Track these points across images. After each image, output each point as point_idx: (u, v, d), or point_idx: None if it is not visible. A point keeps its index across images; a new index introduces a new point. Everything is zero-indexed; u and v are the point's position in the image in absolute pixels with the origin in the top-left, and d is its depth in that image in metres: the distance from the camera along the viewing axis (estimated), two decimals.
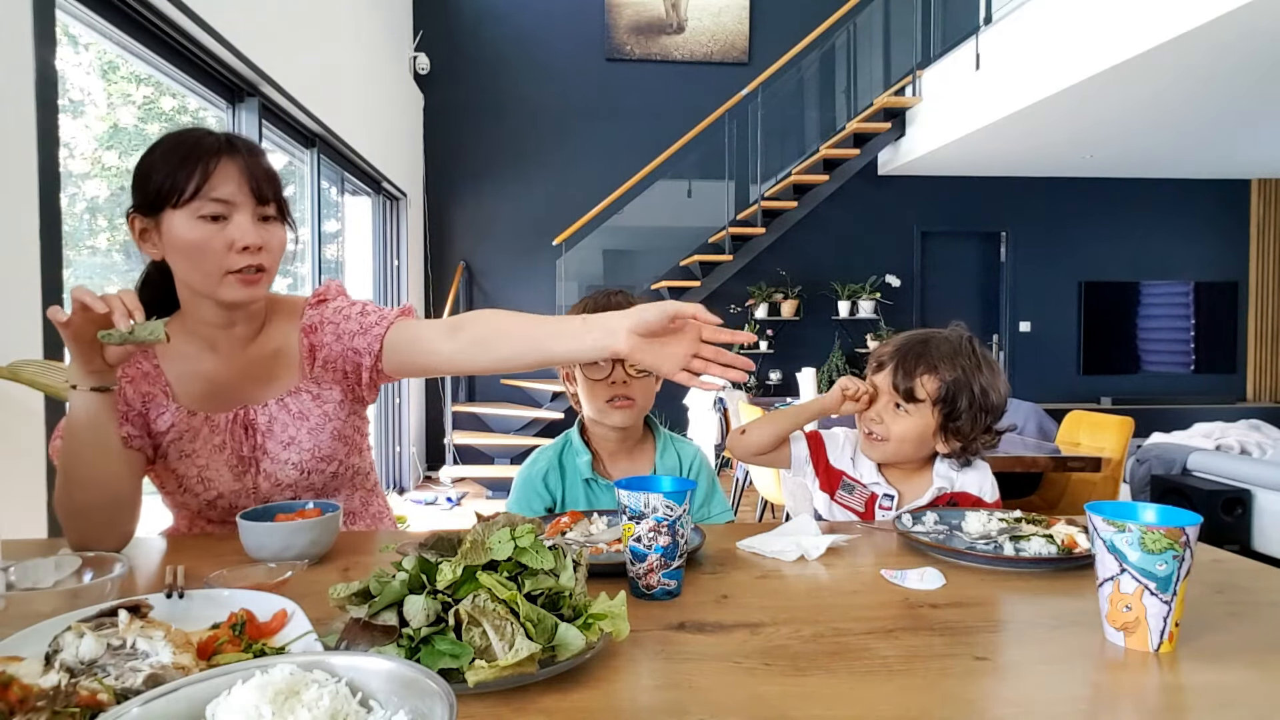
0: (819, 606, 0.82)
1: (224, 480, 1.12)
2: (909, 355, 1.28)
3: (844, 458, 1.35)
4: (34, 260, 1.88)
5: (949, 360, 1.26)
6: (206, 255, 1.02)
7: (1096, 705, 0.63)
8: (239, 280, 1.03)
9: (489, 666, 0.59)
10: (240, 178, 1.02)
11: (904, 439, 1.27)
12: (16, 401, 1.77)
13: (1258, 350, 7.45)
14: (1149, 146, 6.03)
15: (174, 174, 1.01)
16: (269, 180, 1.05)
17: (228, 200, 1.02)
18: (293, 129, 4.00)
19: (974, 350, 1.28)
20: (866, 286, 7.00)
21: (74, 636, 0.60)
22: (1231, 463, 3.52)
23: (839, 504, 1.33)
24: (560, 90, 6.91)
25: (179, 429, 1.10)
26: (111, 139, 3.34)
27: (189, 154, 1.02)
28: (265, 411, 1.13)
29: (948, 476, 1.30)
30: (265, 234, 1.05)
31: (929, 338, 1.30)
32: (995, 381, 1.27)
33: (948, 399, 1.25)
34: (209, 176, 1.01)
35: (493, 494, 5.86)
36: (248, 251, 1.02)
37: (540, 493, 1.28)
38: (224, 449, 1.11)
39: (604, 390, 1.25)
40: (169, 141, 1.04)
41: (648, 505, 0.83)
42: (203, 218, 1.01)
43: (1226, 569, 0.96)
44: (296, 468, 1.14)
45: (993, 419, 1.28)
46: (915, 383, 1.25)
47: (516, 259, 6.92)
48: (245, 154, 1.04)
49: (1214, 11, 3.45)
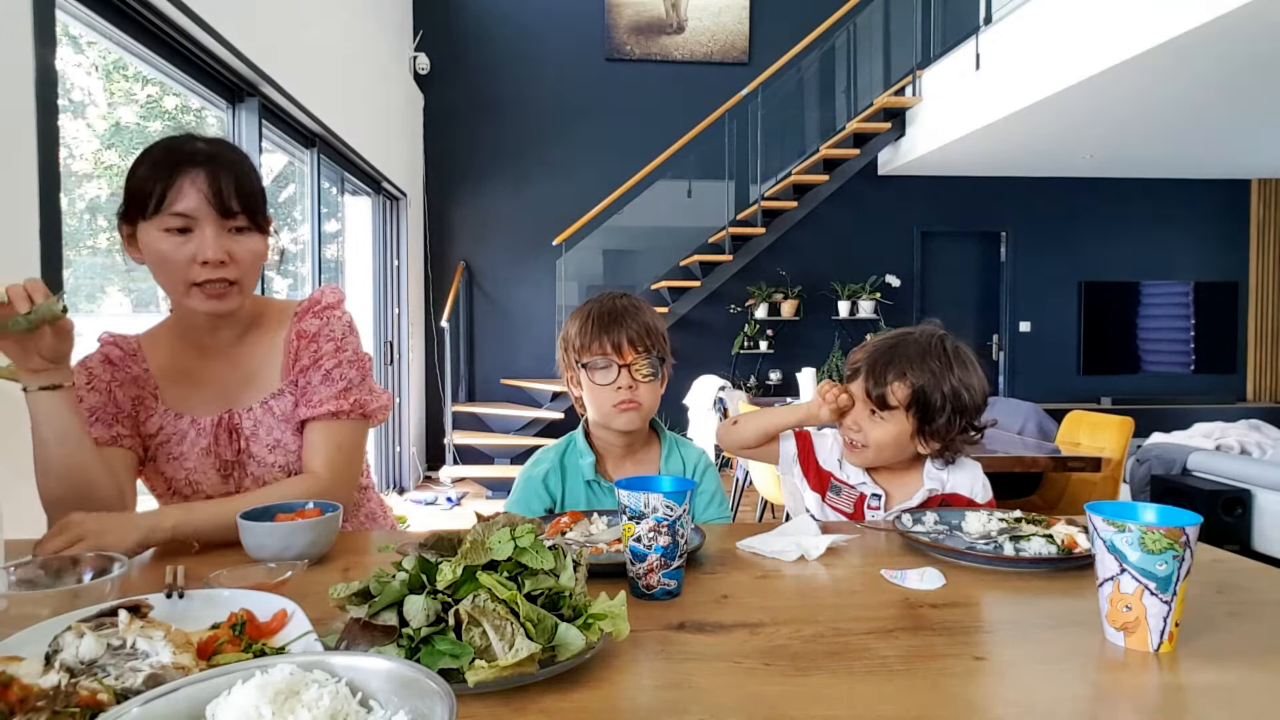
0: (819, 606, 0.82)
1: (211, 482, 1.13)
2: (878, 362, 1.26)
3: (831, 459, 1.35)
4: (34, 260, 1.88)
5: (918, 364, 1.24)
6: (172, 267, 1.03)
7: (1096, 705, 0.63)
8: (203, 293, 1.04)
9: (489, 666, 0.59)
10: (203, 191, 1.02)
11: (882, 445, 1.27)
12: (17, 401, 1.77)
13: (1258, 350, 7.45)
14: (1149, 146, 6.02)
15: (143, 186, 1.02)
16: (239, 192, 1.04)
17: (188, 214, 1.02)
18: (293, 129, 4.00)
19: (944, 349, 1.26)
20: (866, 286, 7.00)
21: (74, 636, 0.60)
22: (1231, 463, 3.51)
23: (829, 505, 1.33)
24: (560, 90, 6.91)
25: (166, 432, 1.11)
26: (113, 137, 3.34)
27: (157, 166, 1.02)
28: (250, 415, 1.13)
29: (938, 477, 1.30)
30: (233, 246, 1.04)
31: (898, 341, 1.28)
32: (970, 379, 1.25)
33: (920, 403, 1.23)
34: (169, 190, 1.01)
35: (493, 494, 5.86)
36: (208, 266, 1.02)
37: (540, 494, 1.28)
38: (210, 452, 1.12)
39: (610, 395, 1.24)
40: (149, 151, 1.05)
41: (648, 505, 0.83)
42: (168, 230, 1.02)
43: (1226, 569, 0.96)
44: (283, 470, 1.14)
45: (969, 418, 1.26)
46: (886, 390, 1.24)
47: (516, 259, 6.92)
48: (213, 166, 1.03)
49: (1214, 11, 3.45)
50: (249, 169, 1.08)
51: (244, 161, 1.08)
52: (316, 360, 1.14)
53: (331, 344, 1.15)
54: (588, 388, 1.26)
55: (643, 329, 1.24)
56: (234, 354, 1.15)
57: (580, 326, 1.26)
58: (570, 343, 1.27)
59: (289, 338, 1.16)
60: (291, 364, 1.15)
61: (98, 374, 1.12)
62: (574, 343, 1.26)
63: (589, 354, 1.24)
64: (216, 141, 1.08)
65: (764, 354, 6.97)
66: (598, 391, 1.25)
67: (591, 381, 1.25)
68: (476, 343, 6.97)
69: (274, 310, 1.20)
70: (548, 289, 6.78)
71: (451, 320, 6.27)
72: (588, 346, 1.24)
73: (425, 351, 6.70)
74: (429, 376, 6.70)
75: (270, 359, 1.16)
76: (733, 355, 6.97)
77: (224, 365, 1.15)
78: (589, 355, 1.24)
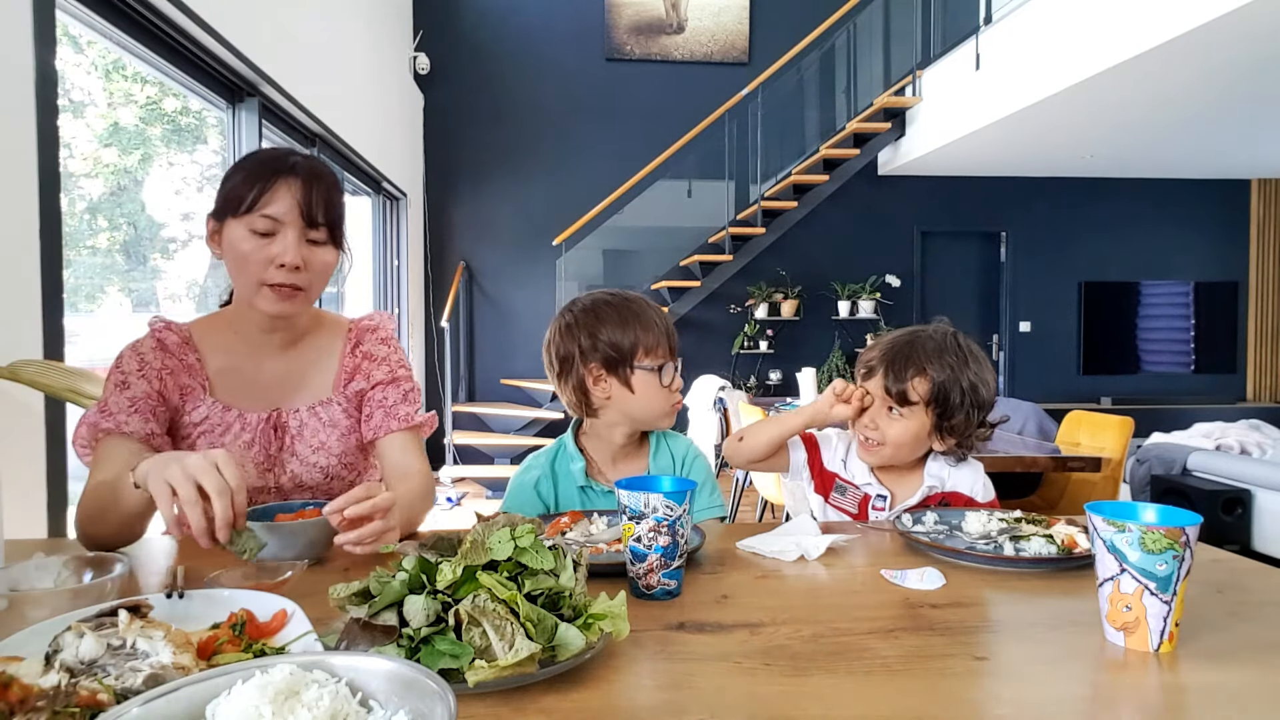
0: (819, 606, 0.82)
1: (248, 476, 1.16)
2: (897, 358, 1.27)
3: (836, 460, 1.35)
4: (34, 260, 1.88)
5: (937, 359, 1.25)
6: (250, 266, 1.08)
7: (1096, 705, 0.63)
8: (273, 294, 1.09)
9: (489, 666, 0.59)
10: (295, 198, 1.09)
11: (901, 442, 1.27)
12: (16, 401, 1.77)
13: (1258, 350, 7.45)
14: (1149, 146, 6.02)
15: (240, 187, 1.08)
16: (326, 207, 1.11)
17: (277, 218, 1.08)
18: (293, 129, 4.00)
19: (959, 345, 1.28)
20: (866, 286, 7.00)
21: (74, 636, 0.60)
22: (1231, 463, 3.51)
23: (832, 506, 1.33)
24: (560, 90, 6.91)
25: (211, 422, 1.15)
26: (111, 136, 3.34)
27: (255, 171, 1.09)
28: (296, 416, 1.19)
29: (939, 476, 1.30)
30: (309, 254, 1.11)
31: (914, 338, 1.29)
32: (984, 374, 1.27)
33: (940, 398, 1.24)
34: (265, 193, 1.07)
35: (492, 494, 5.86)
36: (284, 269, 1.08)
37: (533, 501, 1.26)
38: (252, 446, 1.16)
39: (668, 396, 1.22)
40: (251, 156, 1.13)
41: (648, 505, 0.83)
42: (254, 231, 1.08)
43: (1226, 569, 0.96)
44: (323, 472, 1.20)
45: (984, 413, 1.27)
46: (907, 385, 1.25)
47: (516, 259, 6.92)
48: (309, 178, 1.10)
49: (1214, 11, 3.45)
50: (338, 189, 1.16)
51: (335, 182, 1.16)
52: (394, 380, 1.23)
53: (404, 369, 1.26)
54: (640, 389, 1.21)
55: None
56: (286, 356, 1.21)
57: (640, 328, 1.21)
58: (617, 345, 1.20)
59: (345, 353, 1.24)
60: (348, 379, 1.22)
61: (149, 360, 1.13)
62: (624, 345, 1.20)
63: (653, 357, 1.21)
64: (313, 159, 1.16)
65: (764, 354, 6.97)
66: (655, 393, 1.21)
67: (647, 384, 1.21)
68: (476, 343, 6.97)
69: (327, 322, 1.27)
70: (548, 289, 6.77)
71: (451, 320, 6.26)
72: (652, 349, 1.21)
73: (425, 351, 6.70)
74: (429, 376, 6.69)
75: (321, 367, 1.23)
76: (733, 355, 6.97)
77: (276, 366, 1.20)
78: (654, 359, 1.21)
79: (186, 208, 3.85)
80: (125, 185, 3.50)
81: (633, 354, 1.20)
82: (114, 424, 1.07)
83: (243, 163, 1.12)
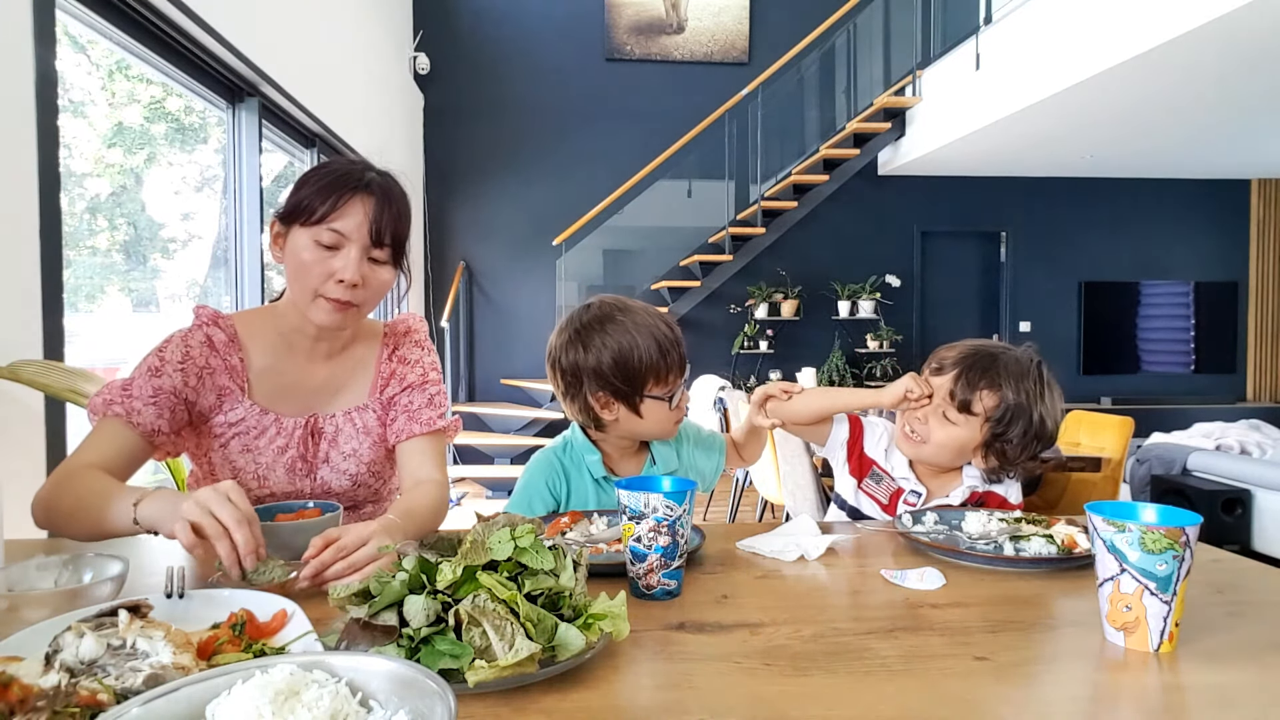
0: (819, 606, 0.82)
1: (278, 480, 1.16)
2: (975, 367, 1.24)
3: (879, 449, 1.35)
4: (34, 260, 1.88)
5: (1015, 381, 1.23)
6: (310, 276, 1.08)
7: (1096, 705, 0.63)
8: (328, 305, 1.09)
9: (489, 666, 0.59)
10: (365, 216, 1.08)
11: (943, 446, 1.25)
12: (16, 401, 1.77)
13: (1258, 350, 7.44)
14: (1149, 146, 6.02)
15: (312, 196, 1.08)
16: (394, 228, 1.11)
17: (344, 234, 1.08)
18: (293, 129, 4.00)
19: (1041, 375, 1.25)
20: (866, 286, 6.99)
21: (74, 636, 0.60)
22: (1231, 463, 3.51)
23: (865, 492, 1.33)
24: (560, 90, 6.91)
25: (248, 424, 1.15)
26: (114, 136, 3.34)
27: (330, 183, 1.09)
28: (332, 422, 1.19)
29: (979, 477, 1.30)
30: (369, 272, 1.10)
31: (1000, 353, 1.26)
32: (1055, 410, 1.24)
33: (1002, 419, 1.22)
34: (336, 208, 1.07)
35: (493, 494, 5.86)
36: (343, 285, 1.08)
37: (544, 496, 1.25)
38: (286, 451, 1.16)
39: (674, 414, 1.22)
40: (326, 166, 1.13)
41: (648, 505, 0.83)
42: (318, 243, 1.07)
43: (1226, 569, 0.96)
44: (352, 479, 1.20)
45: (1043, 446, 1.25)
46: (975, 395, 1.22)
47: (516, 259, 6.92)
48: (383, 197, 1.11)
49: (1214, 11, 3.45)
50: (407, 210, 1.15)
51: (406, 203, 1.16)
52: (423, 384, 1.24)
53: (435, 372, 1.27)
54: (649, 414, 1.20)
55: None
56: (327, 364, 1.21)
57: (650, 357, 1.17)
58: (628, 378, 1.17)
59: (382, 359, 1.24)
60: (384, 385, 1.23)
61: (195, 356, 1.12)
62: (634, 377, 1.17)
63: (663, 386, 1.19)
64: (388, 176, 1.15)
65: (764, 354, 6.97)
66: (663, 417, 1.21)
67: (656, 410, 1.20)
68: (476, 343, 6.97)
69: (364, 327, 1.26)
70: (548, 289, 6.77)
71: (451, 320, 6.26)
72: (663, 378, 1.19)
73: None
74: None
75: (359, 373, 1.23)
76: (733, 355, 6.97)
77: (317, 372, 1.20)
78: (663, 388, 1.19)
79: (186, 208, 3.85)
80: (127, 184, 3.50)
81: (642, 386, 1.17)
82: (124, 409, 1.05)
83: (317, 171, 1.11)
